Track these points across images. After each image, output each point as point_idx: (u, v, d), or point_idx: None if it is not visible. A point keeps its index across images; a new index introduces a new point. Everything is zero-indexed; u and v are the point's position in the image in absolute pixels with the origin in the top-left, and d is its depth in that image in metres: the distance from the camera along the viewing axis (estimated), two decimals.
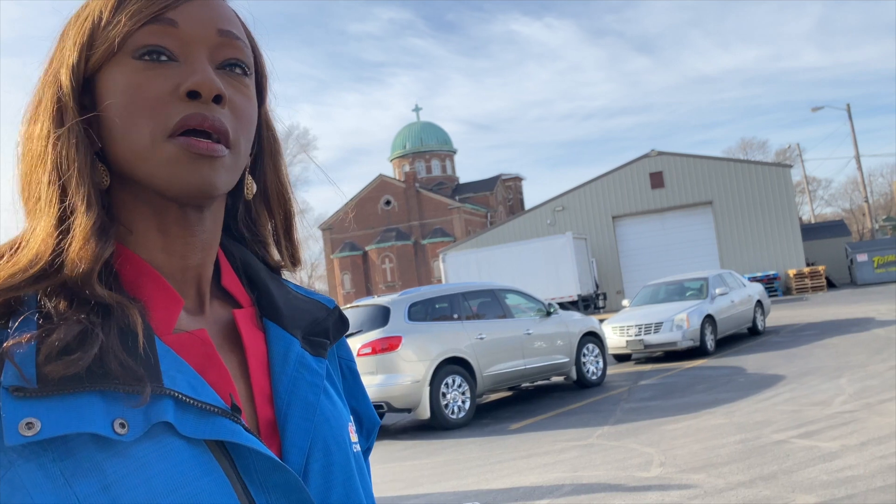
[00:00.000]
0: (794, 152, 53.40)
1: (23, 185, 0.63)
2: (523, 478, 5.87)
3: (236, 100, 0.64)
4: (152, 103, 0.60)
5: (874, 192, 72.40)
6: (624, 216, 29.05)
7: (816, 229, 31.28)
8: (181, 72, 0.61)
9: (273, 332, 0.71)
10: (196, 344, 0.64)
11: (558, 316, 10.20)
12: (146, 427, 0.55)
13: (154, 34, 0.61)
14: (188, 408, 0.58)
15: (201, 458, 0.57)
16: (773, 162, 37.02)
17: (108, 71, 0.62)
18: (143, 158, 0.60)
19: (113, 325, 0.57)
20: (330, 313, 0.78)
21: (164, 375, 0.57)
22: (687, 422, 7.12)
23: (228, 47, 0.65)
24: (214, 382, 0.62)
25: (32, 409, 0.52)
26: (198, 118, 0.60)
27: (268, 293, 0.74)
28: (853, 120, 33.46)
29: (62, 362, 0.53)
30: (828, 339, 11.84)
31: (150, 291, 0.63)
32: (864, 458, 5.09)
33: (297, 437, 0.65)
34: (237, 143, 0.64)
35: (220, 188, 0.63)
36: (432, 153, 58.83)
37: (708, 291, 13.14)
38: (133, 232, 0.64)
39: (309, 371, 0.70)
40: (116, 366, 0.55)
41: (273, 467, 0.60)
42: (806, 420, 6.47)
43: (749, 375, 9.43)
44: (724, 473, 5.18)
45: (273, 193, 0.77)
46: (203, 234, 0.67)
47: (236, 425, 0.59)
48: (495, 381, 9.12)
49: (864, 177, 36.02)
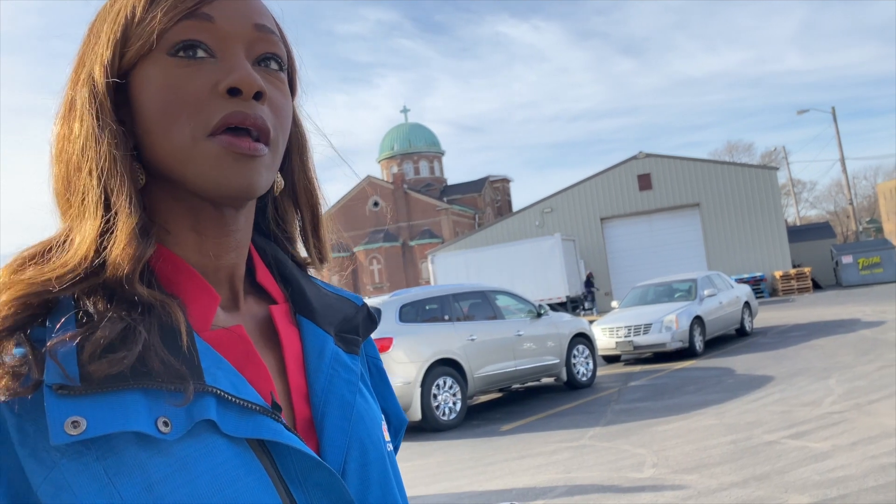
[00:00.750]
0: (779, 155, 53.86)
1: (60, 187, 0.62)
2: (516, 479, 5.86)
3: (274, 96, 0.63)
4: (192, 101, 0.59)
5: (858, 195, 73.14)
6: (612, 218, 29.15)
7: (802, 231, 31.53)
8: (219, 68, 0.60)
9: (308, 329, 0.70)
10: (234, 340, 0.63)
11: (548, 317, 10.21)
12: (189, 425, 0.54)
13: (190, 30, 0.60)
14: (230, 406, 0.57)
15: (243, 457, 0.56)
16: (760, 164, 37.28)
17: (143, 68, 0.60)
18: (183, 158, 0.59)
19: (154, 323, 0.56)
20: (359, 310, 0.77)
21: (206, 373, 0.57)
22: (678, 423, 7.14)
23: (264, 42, 0.64)
24: (253, 380, 0.62)
25: (77, 408, 0.51)
26: (239, 116, 0.59)
27: (300, 290, 0.73)
28: (838, 123, 33.79)
29: (106, 360, 0.52)
30: (815, 341, 11.93)
31: (187, 288, 0.62)
32: (855, 458, 5.12)
33: (335, 435, 0.64)
34: (276, 141, 0.63)
35: (261, 188, 0.62)
36: (420, 154, 58.80)
37: (696, 293, 13.20)
38: (170, 231, 0.63)
39: (344, 368, 0.69)
40: (158, 364, 0.54)
41: (313, 466, 0.60)
42: (796, 420, 6.51)
43: (738, 376, 9.48)
44: (716, 474, 5.19)
45: (301, 190, 0.75)
46: (237, 233, 0.66)
47: (277, 424, 0.59)
48: (486, 383, 9.12)
49: (849, 179, 36.35)
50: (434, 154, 59.82)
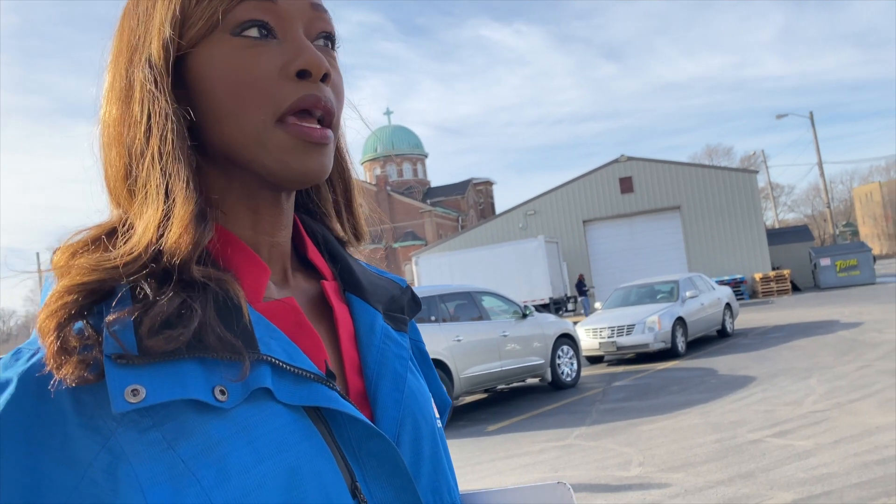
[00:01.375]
0: (758, 158, 54.45)
1: (117, 173, 0.61)
2: (504, 478, 5.88)
3: (334, 77, 0.64)
4: (261, 84, 0.59)
5: (835, 199, 74.17)
6: (594, 220, 29.32)
7: (781, 234, 31.91)
8: (284, 49, 0.60)
9: (357, 305, 0.70)
10: (286, 311, 0.63)
11: (534, 318, 10.26)
12: (245, 394, 0.55)
13: (253, 10, 0.59)
14: (284, 374, 0.57)
15: (301, 422, 0.57)
16: (739, 168, 37.70)
17: (205, 49, 0.59)
18: (254, 144, 0.59)
19: (209, 299, 0.56)
20: (404, 291, 0.78)
21: (260, 342, 0.57)
22: (663, 422, 7.21)
23: (321, 20, 0.64)
24: (307, 349, 0.62)
25: (136, 377, 0.51)
26: (312, 100, 0.59)
27: (348, 268, 0.73)
28: (816, 127, 34.25)
29: (163, 336, 0.53)
30: (795, 341, 12.09)
31: (238, 262, 0.62)
32: (838, 455, 5.20)
33: (389, 407, 0.64)
34: (338, 121, 0.64)
35: (327, 172, 0.62)
36: (403, 157, 58.78)
37: (678, 294, 13.32)
38: (224, 211, 0.63)
39: (395, 344, 0.70)
40: (214, 340, 0.54)
41: (369, 434, 0.60)
42: (779, 419, 6.60)
43: (721, 377, 9.58)
44: (702, 472, 5.25)
45: (334, 171, 0.76)
46: (288, 212, 0.67)
47: (332, 392, 0.59)
48: (472, 383, 9.14)
49: (826, 183, 36.85)
50: (417, 156, 59.83)
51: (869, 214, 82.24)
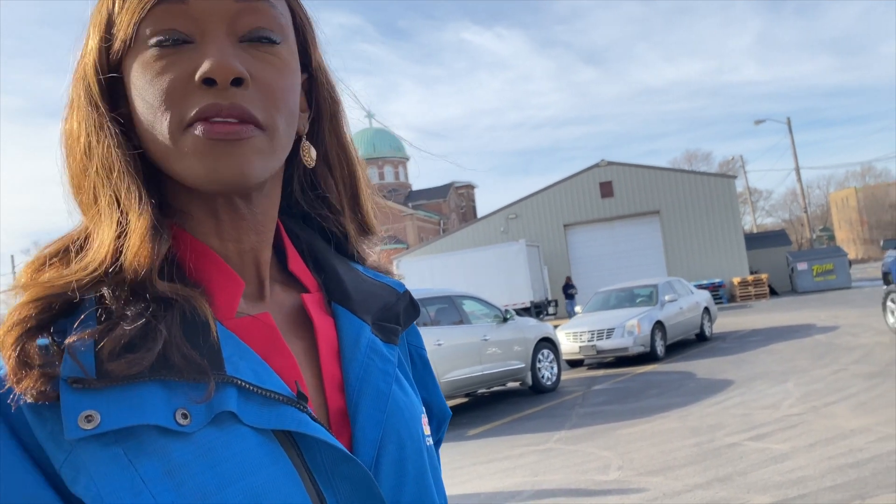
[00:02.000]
0: (737, 164, 55.04)
1: (74, 185, 0.61)
2: (484, 483, 5.88)
3: (263, 75, 0.59)
4: (168, 95, 0.56)
5: (812, 204, 75.15)
6: (575, 224, 29.46)
7: (759, 239, 32.25)
8: (196, 55, 0.56)
9: (343, 317, 0.67)
10: (260, 328, 0.61)
11: (514, 322, 10.28)
12: (209, 417, 0.53)
13: (163, 16, 0.57)
14: (252, 396, 0.55)
15: (268, 446, 0.55)
16: (718, 173, 38.07)
17: (128, 62, 0.58)
18: (168, 154, 0.57)
19: (175, 316, 0.55)
20: (400, 298, 0.74)
21: (227, 362, 0.55)
22: (642, 426, 7.25)
23: (249, 13, 0.59)
24: (280, 369, 0.60)
25: (92, 402, 0.50)
26: (213, 109, 0.55)
27: (336, 276, 0.70)
28: (793, 133, 34.71)
29: (125, 360, 0.51)
30: (773, 345, 12.21)
31: (210, 274, 0.61)
32: (813, 458, 5.26)
33: (368, 427, 0.61)
34: (272, 123, 0.58)
35: (254, 176, 0.57)
36: (385, 160, 58.70)
37: (657, 298, 13.42)
38: (190, 215, 0.62)
39: (381, 358, 0.66)
40: (180, 359, 0.53)
41: (342, 459, 0.57)
42: (756, 423, 6.66)
43: (699, 380, 9.66)
44: (680, 476, 5.29)
45: (334, 158, 0.72)
46: (255, 216, 0.63)
47: (302, 414, 0.57)
48: (453, 388, 9.13)
49: (803, 188, 37.33)
50: (399, 159, 59.76)
51: (845, 219, 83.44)
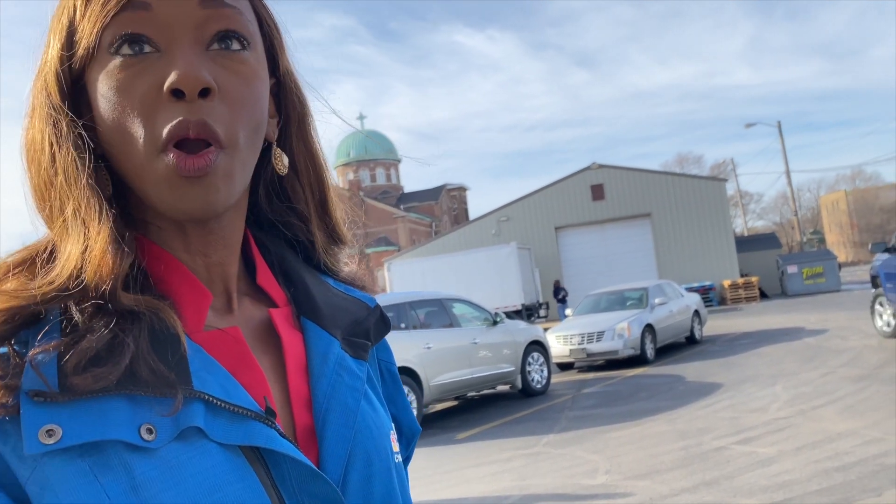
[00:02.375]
0: (728, 167, 55.33)
1: (38, 196, 0.59)
2: (471, 487, 5.87)
3: (230, 85, 0.57)
4: (139, 109, 0.54)
5: (802, 207, 75.56)
6: (566, 227, 29.51)
7: (749, 242, 32.40)
8: (163, 64, 0.55)
9: (312, 332, 0.66)
10: (228, 342, 0.60)
11: (504, 325, 10.28)
12: (175, 432, 0.52)
13: (127, 23, 0.55)
14: (219, 411, 0.54)
15: (235, 462, 0.54)
16: (709, 176, 38.22)
17: (91, 71, 0.56)
18: (140, 176, 0.56)
19: (143, 329, 0.54)
20: (371, 312, 0.73)
21: (194, 377, 0.54)
22: (630, 429, 7.25)
23: (217, 19, 0.57)
24: (248, 384, 0.58)
25: (53, 416, 0.49)
26: (182, 129, 0.54)
27: (306, 290, 0.69)
28: (783, 137, 34.88)
29: (91, 374, 0.50)
30: (762, 348, 12.26)
31: (178, 287, 0.59)
32: (799, 462, 5.27)
33: (335, 444, 0.60)
34: (234, 138, 0.57)
35: (221, 204, 0.57)
36: (377, 162, 58.70)
37: (648, 301, 13.44)
38: (159, 227, 0.61)
39: (349, 374, 0.65)
40: (147, 373, 0.52)
41: (309, 476, 0.56)
42: (744, 426, 6.67)
43: (688, 383, 9.68)
44: (667, 480, 5.29)
45: (302, 165, 0.70)
46: (222, 230, 0.62)
47: (271, 430, 0.56)
48: (442, 391, 9.12)
49: (794, 192, 37.54)
50: (391, 161, 59.77)
51: (835, 222, 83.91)
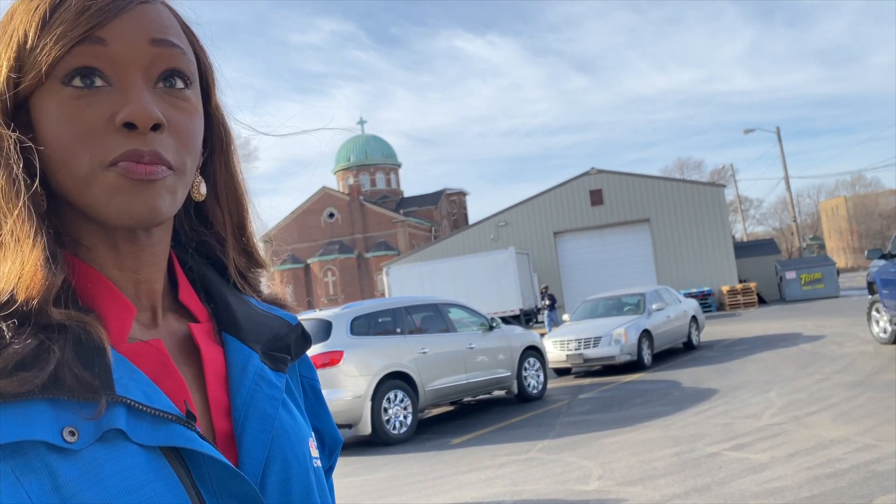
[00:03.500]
0: (727, 172, 55.37)
1: None
2: (464, 493, 5.87)
3: (176, 120, 0.62)
4: (88, 135, 0.58)
5: (802, 213, 75.55)
6: (565, 232, 29.54)
7: (748, 247, 32.40)
8: (115, 98, 0.59)
9: (231, 346, 0.70)
10: (151, 353, 0.63)
11: (500, 330, 10.28)
12: (97, 434, 0.55)
13: (83, 56, 0.58)
14: (141, 415, 0.57)
15: (155, 463, 0.57)
16: (708, 181, 38.24)
17: (39, 98, 0.59)
18: (82, 189, 0.59)
19: (69, 339, 0.56)
20: (292, 329, 0.77)
21: (117, 383, 0.57)
22: (624, 435, 7.25)
23: (164, 58, 0.62)
24: (170, 391, 0.62)
25: None
26: (135, 154, 0.58)
27: (227, 306, 0.73)
28: (782, 142, 34.93)
29: (17, 378, 0.53)
30: (758, 354, 12.26)
31: (104, 300, 0.62)
32: (791, 469, 5.27)
33: (253, 448, 0.64)
34: (181, 165, 0.62)
35: (165, 213, 0.61)
36: (377, 166, 58.73)
37: (645, 307, 13.45)
38: (87, 247, 0.64)
39: (268, 384, 0.69)
40: (71, 379, 0.55)
41: (229, 476, 0.60)
42: (738, 433, 6.68)
43: (684, 389, 9.68)
44: (659, 486, 5.29)
45: (223, 190, 0.74)
46: (153, 247, 0.66)
47: (191, 432, 0.59)
48: (438, 396, 9.12)
49: (793, 197, 37.57)
50: (391, 166, 59.80)
51: (835, 228, 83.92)
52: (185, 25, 0.68)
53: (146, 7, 0.62)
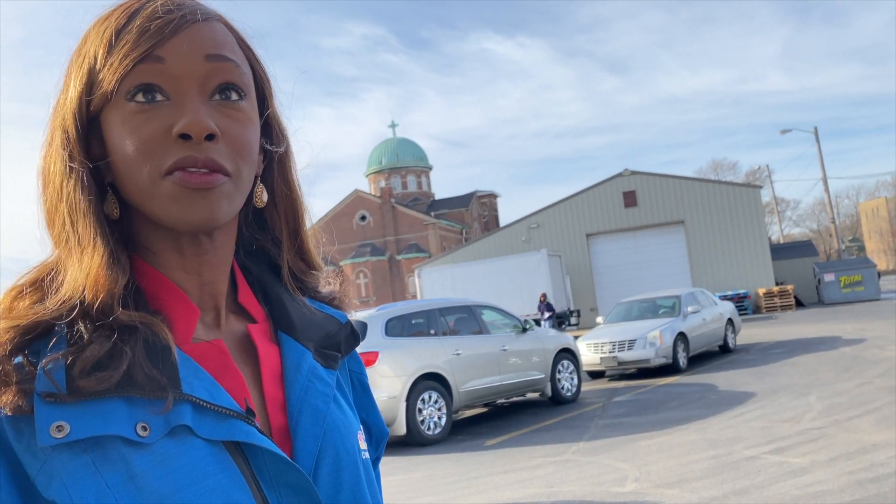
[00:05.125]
0: (763, 173, 54.46)
1: (48, 219, 0.67)
2: (500, 493, 5.89)
3: (231, 130, 0.66)
4: (148, 146, 0.63)
5: (840, 214, 73.94)
6: (598, 234, 29.34)
7: (785, 249, 31.85)
8: (173, 112, 0.63)
9: (287, 345, 0.75)
10: (213, 352, 0.69)
11: (534, 332, 10.27)
12: (166, 430, 0.60)
13: (143, 74, 0.63)
14: (205, 411, 0.63)
15: (218, 456, 0.62)
16: (744, 182, 37.67)
17: (108, 113, 0.65)
18: (145, 196, 0.64)
19: (139, 339, 0.62)
20: (342, 327, 0.81)
21: (183, 382, 0.63)
22: (660, 438, 7.21)
23: (219, 72, 0.66)
24: (230, 388, 0.67)
25: (63, 414, 0.57)
26: (189, 160, 0.63)
27: (282, 307, 0.78)
28: (820, 142, 34.26)
29: (94, 378, 0.59)
30: (796, 357, 12.06)
31: (170, 303, 0.68)
32: (833, 473, 5.20)
33: (307, 441, 0.69)
34: (237, 171, 0.66)
35: (221, 218, 0.65)
36: (408, 169, 58.96)
37: (680, 309, 13.32)
38: (154, 252, 0.69)
39: (320, 381, 0.74)
40: (142, 377, 0.60)
41: (285, 467, 0.65)
42: (776, 436, 6.59)
43: (720, 392, 9.57)
44: (697, 489, 5.25)
45: (280, 197, 0.78)
46: (216, 251, 0.71)
47: (250, 427, 0.64)
48: (471, 397, 9.14)
49: (831, 198, 36.82)
50: (422, 168, 59.99)
51: (875, 230, 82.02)
52: (242, 40, 0.72)
53: (202, 25, 0.66)
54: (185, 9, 0.66)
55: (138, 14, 0.65)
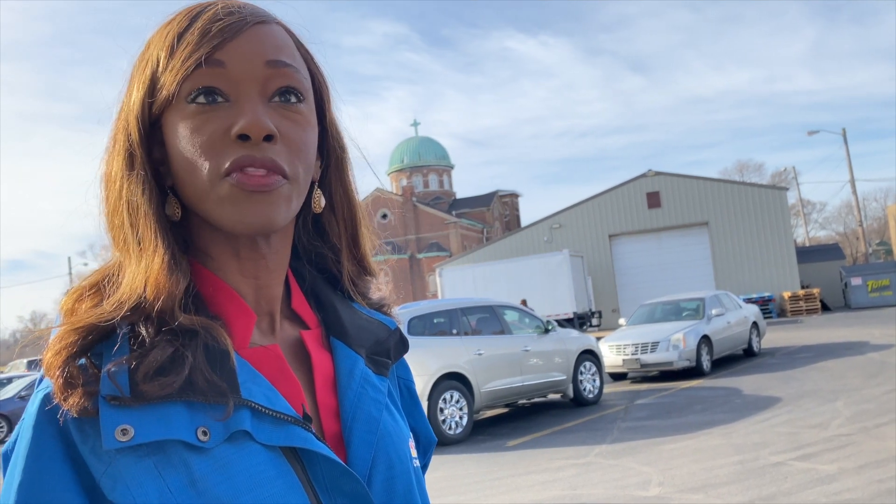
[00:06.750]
0: (789, 175, 53.75)
1: (109, 222, 0.68)
2: (522, 495, 5.87)
3: (290, 132, 0.66)
4: (207, 147, 0.63)
5: (868, 217, 72.72)
6: (620, 235, 29.16)
7: (811, 252, 31.43)
8: (232, 113, 0.64)
9: (340, 351, 0.75)
10: (270, 358, 0.69)
11: (556, 333, 10.22)
12: (226, 435, 0.60)
13: (204, 77, 0.64)
14: (264, 417, 0.63)
15: (276, 461, 0.62)
16: (769, 184, 37.22)
17: (169, 116, 0.65)
18: (203, 198, 0.64)
19: (199, 344, 0.62)
20: (391, 334, 0.81)
21: (242, 387, 0.63)
22: (684, 442, 7.14)
23: (278, 77, 0.66)
24: (287, 394, 0.67)
25: (127, 418, 0.58)
26: (248, 160, 0.63)
27: (335, 313, 0.78)
28: (848, 144, 33.75)
29: (157, 383, 0.59)
30: (823, 362, 11.89)
31: (227, 308, 0.68)
32: (861, 481, 5.11)
33: (361, 448, 0.69)
34: (295, 174, 0.66)
35: (279, 221, 0.65)
36: (430, 168, 59.03)
37: (704, 312, 13.19)
38: (212, 256, 0.69)
39: (372, 388, 0.74)
40: (203, 382, 0.60)
41: (341, 474, 0.65)
42: (803, 442, 6.50)
43: (745, 397, 9.46)
44: (722, 494, 5.20)
45: (338, 203, 0.78)
46: (273, 255, 0.71)
47: (308, 433, 0.64)
48: (493, 398, 9.13)
49: (859, 201, 36.25)
50: (443, 167, 60.03)
51: None
52: (300, 44, 0.72)
53: (261, 28, 0.66)
54: (245, 11, 0.67)
55: (199, 17, 0.65)
